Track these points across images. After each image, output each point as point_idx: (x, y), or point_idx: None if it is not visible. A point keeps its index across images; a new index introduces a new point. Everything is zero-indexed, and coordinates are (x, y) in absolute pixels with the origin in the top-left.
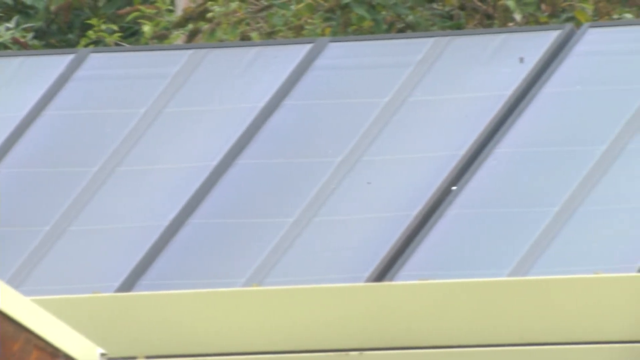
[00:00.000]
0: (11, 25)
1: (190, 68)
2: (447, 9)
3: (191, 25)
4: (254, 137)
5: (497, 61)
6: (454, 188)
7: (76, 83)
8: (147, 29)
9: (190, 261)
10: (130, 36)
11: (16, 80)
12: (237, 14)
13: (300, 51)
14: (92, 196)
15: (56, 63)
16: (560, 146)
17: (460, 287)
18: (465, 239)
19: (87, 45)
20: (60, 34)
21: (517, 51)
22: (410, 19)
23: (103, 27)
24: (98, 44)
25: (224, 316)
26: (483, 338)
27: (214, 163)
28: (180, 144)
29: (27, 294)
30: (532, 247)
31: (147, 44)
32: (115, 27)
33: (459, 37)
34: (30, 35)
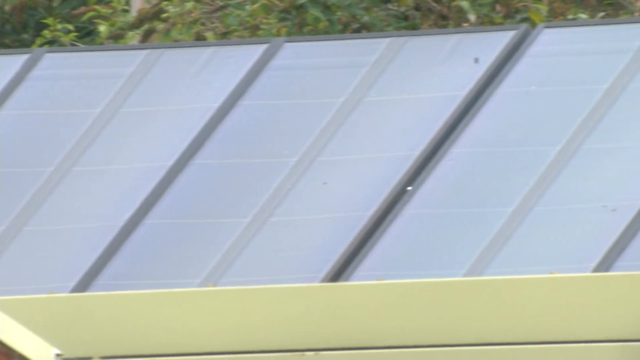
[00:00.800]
0: None
1: (145, 68)
2: (402, 9)
3: (146, 26)
4: (209, 137)
5: (452, 61)
6: (410, 188)
7: (31, 83)
8: (102, 29)
9: (146, 261)
10: (86, 36)
11: None
12: (192, 14)
13: (255, 51)
14: (48, 196)
15: (11, 63)
16: (515, 146)
17: (416, 287)
18: (420, 239)
19: (42, 45)
20: (15, 33)
21: (473, 51)
22: (366, 19)
23: (59, 26)
24: (53, 43)
25: (179, 316)
26: (438, 338)
27: (169, 163)
28: (135, 144)
29: None
30: (488, 247)
31: (103, 44)
32: (71, 27)
33: (414, 38)
34: None
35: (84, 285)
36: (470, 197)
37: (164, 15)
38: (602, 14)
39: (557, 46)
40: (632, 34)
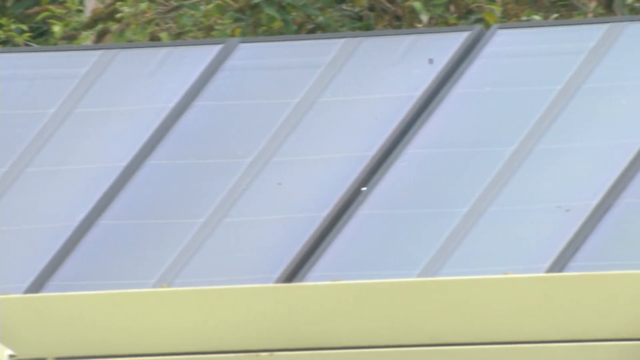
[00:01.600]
0: None
1: (99, 68)
2: (356, 9)
3: (100, 26)
4: (164, 137)
5: (407, 62)
6: (364, 189)
7: None
8: (57, 29)
9: (100, 262)
10: (40, 36)
11: None
12: (147, 15)
13: (210, 52)
14: (1, 197)
15: None
16: (470, 147)
17: (371, 287)
18: (375, 239)
19: None
20: None
21: (427, 52)
22: (320, 19)
23: (12, 27)
24: (7, 43)
25: (134, 317)
26: (393, 338)
27: (123, 164)
28: (89, 145)
29: None
30: (442, 247)
31: (57, 44)
32: (25, 27)
33: (369, 38)
34: None
35: (37, 286)
36: (424, 198)
37: (118, 15)
38: (555, 15)
39: (511, 47)
40: (586, 35)
